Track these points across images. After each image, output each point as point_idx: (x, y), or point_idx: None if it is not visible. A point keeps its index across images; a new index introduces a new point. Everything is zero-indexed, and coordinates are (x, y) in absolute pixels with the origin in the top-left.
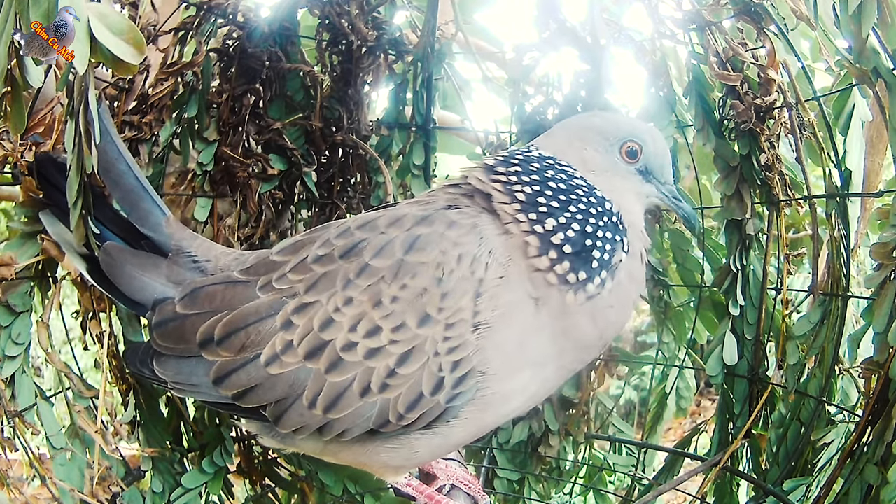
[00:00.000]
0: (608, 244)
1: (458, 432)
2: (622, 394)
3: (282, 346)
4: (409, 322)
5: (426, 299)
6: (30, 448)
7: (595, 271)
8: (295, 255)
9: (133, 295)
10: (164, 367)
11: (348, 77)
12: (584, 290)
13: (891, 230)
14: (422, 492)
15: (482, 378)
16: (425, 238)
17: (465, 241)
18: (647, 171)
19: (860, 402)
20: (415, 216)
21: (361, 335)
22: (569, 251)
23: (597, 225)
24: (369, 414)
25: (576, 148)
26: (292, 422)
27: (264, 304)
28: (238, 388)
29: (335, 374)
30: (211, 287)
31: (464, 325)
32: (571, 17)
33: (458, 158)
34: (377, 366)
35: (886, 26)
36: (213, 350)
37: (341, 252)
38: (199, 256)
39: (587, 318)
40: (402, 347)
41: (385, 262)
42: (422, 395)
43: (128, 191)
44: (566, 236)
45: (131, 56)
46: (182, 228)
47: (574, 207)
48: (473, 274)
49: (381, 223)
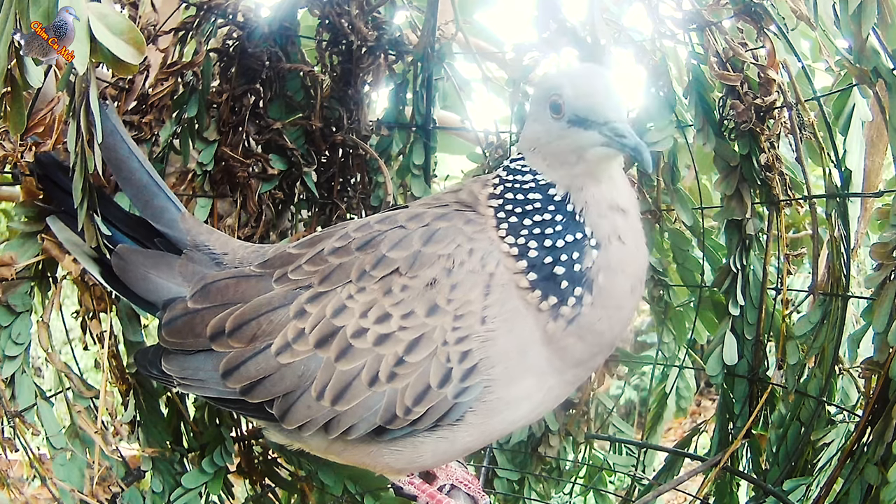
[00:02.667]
0: (573, 251)
1: (463, 437)
2: (622, 394)
3: (294, 334)
4: (419, 310)
5: (436, 289)
6: (30, 448)
7: (566, 291)
8: (312, 247)
9: (147, 296)
10: (170, 363)
11: (348, 77)
12: (560, 315)
13: (891, 230)
14: (423, 490)
15: (487, 382)
16: (444, 231)
17: (479, 238)
18: (579, 120)
19: (860, 402)
20: (434, 213)
21: (372, 321)
22: (533, 278)
23: (555, 233)
24: (377, 406)
25: (527, 130)
26: (299, 416)
27: (278, 295)
28: (247, 380)
29: (344, 362)
30: (222, 281)
31: (472, 317)
32: (571, 17)
33: (458, 158)
34: (386, 353)
35: (886, 26)
36: (224, 342)
37: (359, 244)
38: (216, 250)
39: (575, 339)
40: (411, 334)
41: (402, 254)
42: (429, 386)
43: (140, 188)
44: (529, 261)
45: (131, 56)
46: (198, 223)
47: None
48: (484, 268)
49: (401, 218)
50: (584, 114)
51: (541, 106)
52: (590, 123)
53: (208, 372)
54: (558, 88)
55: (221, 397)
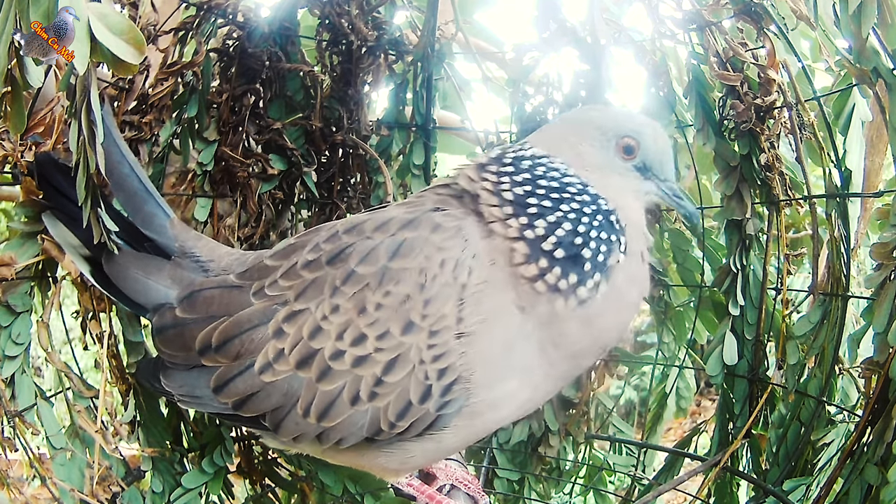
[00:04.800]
0: (602, 244)
1: (449, 439)
2: (622, 394)
3: (274, 354)
4: (394, 330)
5: (409, 306)
6: (30, 448)
7: (587, 274)
8: (286, 259)
9: (136, 297)
10: (170, 379)
11: (348, 77)
12: (574, 295)
13: (891, 230)
14: (422, 492)
15: (468, 386)
16: (409, 243)
17: (448, 246)
18: (645, 168)
19: (860, 402)
20: (401, 220)
21: (348, 343)
22: (560, 255)
23: (590, 224)
24: (362, 422)
25: (571, 143)
26: (290, 430)
27: (257, 312)
28: (237, 396)
29: (325, 383)
30: (208, 291)
31: (448, 332)
32: (571, 17)
33: (458, 158)
34: (364, 374)
35: (886, 26)
36: (212, 356)
37: (328, 258)
38: (202, 257)
39: (578, 324)
40: (388, 355)
41: (370, 269)
42: (410, 403)
43: (131, 194)
44: (557, 239)
45: (131, 56)
46: (186, 230)
47: (566, 206)
48: (456, 280)
49: (368, 227)
50: (651, 166)
51: (605, 136)
52: (652, 175)
53: (203, 388)
54: (637, 135)
55: (219, 412)
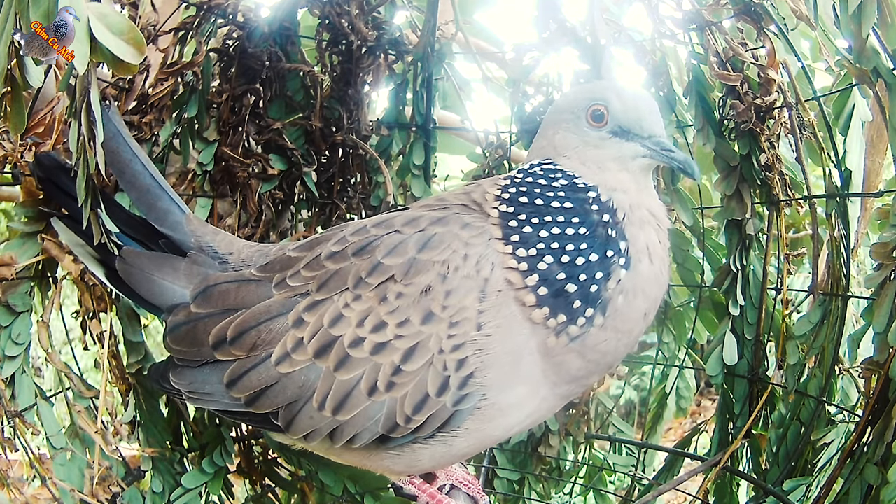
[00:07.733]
0: (593, 272)
1: (460, 443)
2: (622, 394)
3: (292, 343)
4: (414, 318)
5: (430, 296)
6: (30, 448)
7: (577, 311)
8: (310, 251)
9: (152, 299)
10: (179, 377)
11: (348, 77)
12: (566, 332)
13: (891, 230)
14: (424, 490)
15: (483, 383)
16: (440, 237)
17: (475, 242)
18: (622, 131)
19: (860, 402)
20: (431, 217)
21: (368, 330)
22: (544, 294)
23: (575, 252)
24: (378, 416)
25: (549, 137)
26: (303, 426)
27: (277, 303)
28: (250, 390)
29: (343, 372)
30: (223, 285)
31: (468, 324)
32: (571, 17)
33: (458, 158)
34: (383, 362)
35: (886, 26)
36: (226, 350)
37: (355, 249)
38: (221, 251)
39: (575, 356)
40: (407, 343)
41: (397, 261)
42: (427, 395)
43: (144, 191)
44: (539, 276)
45: (131, 56)
46: (203, 224)
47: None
48: (479, 273)
49: (397, 222)
50: (628, 126)
51: (575, 114)
52: (633, 136)
53: (214, 385)
54: (602, 99)
55: (229, 410)
